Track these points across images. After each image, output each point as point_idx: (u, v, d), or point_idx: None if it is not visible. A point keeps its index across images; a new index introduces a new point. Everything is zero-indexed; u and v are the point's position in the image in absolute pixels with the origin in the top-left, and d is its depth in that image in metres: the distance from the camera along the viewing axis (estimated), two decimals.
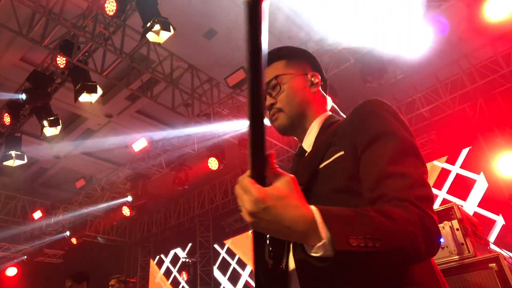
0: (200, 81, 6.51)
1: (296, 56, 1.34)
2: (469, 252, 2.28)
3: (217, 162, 7.46)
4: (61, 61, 5.71)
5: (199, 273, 9.88)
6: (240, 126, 6.73)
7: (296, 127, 1.28)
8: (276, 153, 8.13)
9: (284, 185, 0.78)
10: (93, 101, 5.88)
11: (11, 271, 10.75)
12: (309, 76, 1.31)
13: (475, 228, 2.54)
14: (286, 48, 1.35)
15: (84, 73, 5.77)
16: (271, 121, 1.29)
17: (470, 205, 6.17)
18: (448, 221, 2.42)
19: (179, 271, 10.16)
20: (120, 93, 6.99)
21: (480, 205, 6.10)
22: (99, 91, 5.86)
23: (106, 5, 4.86)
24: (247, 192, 0.76)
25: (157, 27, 4.71)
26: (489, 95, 6.39)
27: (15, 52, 6.05)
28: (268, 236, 0.97)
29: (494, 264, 2.12)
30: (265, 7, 0.67)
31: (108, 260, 10.58)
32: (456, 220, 2.40)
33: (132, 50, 5.55)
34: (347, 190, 1.01)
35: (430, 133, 6.84)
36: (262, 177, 0.78)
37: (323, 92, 1.37)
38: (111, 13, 4.83)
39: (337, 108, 1.41)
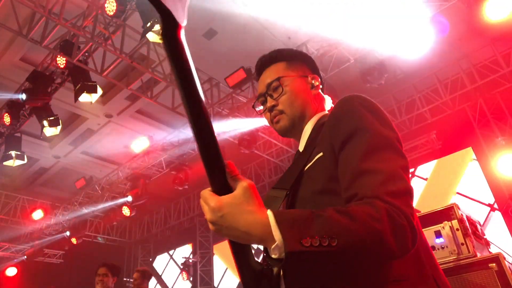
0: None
1: (295, 58, 1.35)
2: (469, 252, 2.28)
3: None
4: (61, 61, 5.71)
5: (199, 273, 9.87)
6: (240, 126, 6.72)
7: (296, 128, 1.28)
8: (276, 153, 8.13)
9: (240, 191, 0.81)
10: (93, 101, 5.88)
11: (11, 271, 10.76)
12: (309, 78, 1.32)
13: (475, 228, 2.54)
14: (285, 50, 1.36)
15: (84, 73, 5.77)
16: (272, 123, 1.29)
17: None
18: (448, 221, 2.42)
19: (179, 271, 10.15)
20: (120, 93, 6.99)
21: None
22: (99, 91, 5.86)
23: (106, 5, 4.86)
24: (205, 202, 0.82)
25: (157, 27, 4.71)
26: (489, 95, 6.39)
27: (15, 52, 6.05)
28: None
29: (494, 264, 2.12)
30: (183, 37, 0.71)
31: (108, 260, 10.56)
32: (456, 220, 2.40)
33: (132, 50, 5.55)
34: (328, 191, 1.01)
35: (430, 133, 6.84)
36: (224, 186, 0.82)
37: (322, 94, 1.38)
38: (111, 13, 4.83)
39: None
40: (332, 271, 0.80)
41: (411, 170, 7.22)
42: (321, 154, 1.06)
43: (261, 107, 1.34)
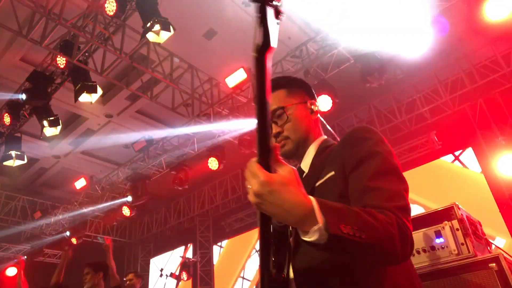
0: (200, 81, 6.51)
1: (294, 85, 1.47)
2: (469, 252, 2.28)
3: (217, 162, 7.46)
4: (61, 61, 5.71)
5: (199, 273, 9.87)
6: (240, 126, 6.72)
7: (299, 151, 1.40)
8: None
9: (287, 173, 0.89)
10: (93, 101, 5.88)
11: (11, 271, 10.75)
12: (308, 104, 1.45)
13: (475, 228, 2.54)
14: (285, 78, 1.49)
15: (84, 73, 5.77)
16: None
17: None
18: (448, 221, 2.41)
19: (179, 271, 10.15)
20: (120, 93, 6.99)
21: None
22: (99, 91, 5.86)
23: (106, 5, 4.86)
24: (254, 176, 0.87)
25: (157, 27, 4.71)
26: (489, 95, 6.38)
27: (15, 52, 6.05)
28: (273, 247, 1.11)
29: (494, 264, 2.12)
30: (270, 58, 0.83)
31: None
32: (456, 220, 2.40)
33: (132, 50, 5.55)
34: None
35: (430, 133, 6.83)
36: (267, 165, 0.88)
37: (320, 118, 1.51)
38: (111, 13, 4.83)
39: (332, 131, 1.59)
40: (352, 260, 0.93)
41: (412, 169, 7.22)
42: (332, 173, 1.19)
43: None
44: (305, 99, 1.44)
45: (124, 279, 5.30)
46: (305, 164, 1.37)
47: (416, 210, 5.49)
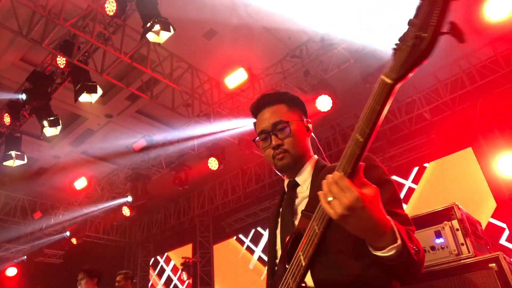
0: (200, 81, 6.51)
1: (294, 103, 1.54)
2: (469, 252, 2.28)
3: (217, 162, 7.46)
4: (61, 61, 5.71)
5: (199, 273, 9.87)
6: (240, 126, 6.73)
7: (296, 166, 1.47)
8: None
9: (374, 193, 0.98)
10: (93, 101, 5.88)
11: (11, 271, 10.76)
12: (305, 122, 1.52)
13: (475, 228, 2.54)
14: (286, 94, 1.56)
15: (84, 73, 5.77)
16: (274, 159, 1.45)
17: None
18: (448, 221, 2.41)
19: (179, 271, 10.16)
20: (120, 93, 6.99)
21: None
22: (99, 91, 5.86)
23: (106, 5, 4.86)
24: (347, 190, 0.94)
25: (157, 27, 4.71)
26: (489, 95, 6.38)
27: (15, 52, 6.05)
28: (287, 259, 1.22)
29: (494, 264, 2.12)
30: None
31: (108, 260, 10.58)
32: (456, 220, 2.40)
33: (132, 50, 5.55)
34: None
35: (430, 133, 6.83)
36: (352, 181, 0.96)
37: (313, 135, 1.59)
38: (111, 13, 4.83)
39: (321, 148, 1.62)
40: (371, 276, 1.15)
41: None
42: None
43: (259, 142, 1.53)
44: (301, 117, 1.53)
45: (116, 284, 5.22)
46: (302, 179, 1.46)
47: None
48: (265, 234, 8.94)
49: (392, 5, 4.90)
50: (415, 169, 7.09)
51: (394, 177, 7.26)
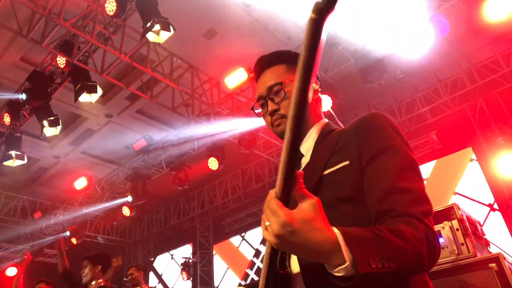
0: (200, 81, 6.51)
1: (295, 61, 1.31)
2: (469, 252, 2.28)
3: (217, 162, 7.46)
4: (61, 61, 5.71)
5: (199, 273, 9.87)
6: (240, 126, 6.73)
7: None
8: (276, 153, 8.13)
9: (310, 208, 0.81)
10: (93, 101, 5.88)
11: (11, 271, 10.75)
12: None
13: (475, 228, 2.54)
14: (284, 53, 1.36)
15: (84, 73, 5.77)
16: (273, 126, 1.31)
17: None
18: (448, 221, 2.41)
19: (179, 271, 10.16)
20: (120, 93, 6.99)
21: None
22: (99, 91, 5.86)
23: (106, 5, 4.86)
24: (274, 214, 0.79)
25: (157, 27, 4.71)
26: (489, 95, 6.39)
27: (15, 52, 6.05)
28: None
29: (494, 264, 2.12)
30: (327, 26, 0.67)
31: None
32: (456, 220, 2.40)
33: (132, 50, 5.55)
34: (351, 199, 1.04)
35: (430, 133, 6.83)
36: (288, 197, 0.81)
37: (320, 96, 1.39)
38: (111, 13, 4.83)
39: (333, 113, 1.42)
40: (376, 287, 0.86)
41: None
42: (347, 162, 1.09)
43: (260, 110, 1.35)
44: None
45: (125, 279, 5.28)
46: (305, 147, 1.26)
47: None
48: None
49: (391, 5, 4.90)
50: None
51: None
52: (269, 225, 0.81)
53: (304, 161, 1.24)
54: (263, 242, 8.87)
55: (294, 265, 1.06)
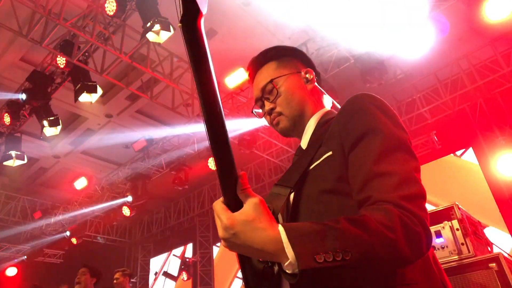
0: None
1: (285, 55, 1.30)
2: (469, 252, 2.28)
3: None
4: (61, 61, 5.71)
5: (199, 273, 9.87)
6: (240, 126, 6.73)
7: (298, 127, 1.25)
8: (276, 153, 8.13)
9: (251, 208, 0.79)
10: (93, 101, 5.88)
11: (11, 271, 10.76)
12: (302, 73, 1.28)
13: (475, 228, 2.53)
14: (273, 49, 1.32)
15: (84, 73, 5.77)
16: (273, 125, 1.27)
17: None
18: (448, 221, 2.41)
19: (179, 271, 10.16)
20: (120, 93, 6.99)
21: None
22: (99, 91, 5.86)
23: (106, 5, 4.86)
24: (218, 218, 0.81)
25: (157, 27, 4.71)
26: (489, 95, 6.38)
27: (15, 52, 6.05)
28: None
29: (494, 264, 2.12)
30: (202, 26, 0.66)
31: (108, 260, 10.58)
32: (456, 220, 2.40)
33: (132, 50, 5.55)
34: (336, 191, 0.99)
35: (430, 133, 6.83)
36: (234, 199, 0.80)
37: (319, 87, 1.32)
38: (111, 13, 4.83)
39: (337, 104, 1.34)
40: (345, 282, 0.79)
41: None
42: (330, 153, 1.03)
43: (260, 111, 1.32)
44: (298, 69, 1.28)
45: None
46: (305, 140, 1.22)
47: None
48: None
49: (391, 5, 4.90)
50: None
51: None
52: (218, 228, 0.82)
53: None
54: None
55: None
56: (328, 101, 1.35)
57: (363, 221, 0.80)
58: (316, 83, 1.30)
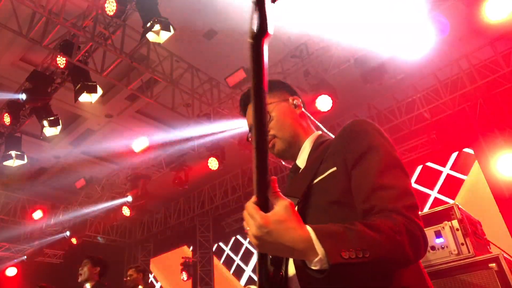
0: (200, 81, 6.51)
1: (273, 87, 1.45)
2: (469, 252, 2.28)
3: (217, 162, 7.46)
4: (61, 61, 5.71)
5: (199, 273, 9.88)
6: (240, 126, 6.72)
7: (292, 148, 1.39)
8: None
9: (283, 209, 0.89)
10: (93, 101, 5.88)
11: (11, 271, 10.75)
12: (290, 100, 1.44)
13: (475, 228, 2.53)
14: None
15: (84, 73, 5.76)
16: (270, 148, 1.38)
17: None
18: (448, 221, 2.41)
19: (180, 271, 10.16)
20: (120, 93, 6.99)
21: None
22: (99, 91, 5.85)
23: (106, 5, 4.86)
24: (252, 218, 0.89)
25: (157, 27, 4.71)
26: (489, 95, 6.38)
27: (15, 52, 6.05)
28: None
29: (494, 264, 2.12)
30: (266, 45, 0.76)
31: (108, 260, 10.57)
32: (456, 220, 2.40)
33: (132, 50, 5.55)
34: (341, 202, 1.10)
35: (430, 133, 6.84)
36: (266, 201, 0.89)
37: (306, 112, 1.48)
38: (111, 13, 4.83)
39: (321, 126, 1.52)
40: (358, 278, 0.90)
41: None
42: (334, 169, 1.15)
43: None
44: (285, 97, 1.45)
45: (125, 279, 5.26)
46: (301, 160, 1.36)
47: None
48: None
49: (391, 5, 4.90)
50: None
51: None
52: (249, 229, 0.89)
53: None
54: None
55: (291, 268, 1.10)
56: (314, 123, 1.51)
57: (376, 225, 0.92)
58: (303, 109, 1.47)
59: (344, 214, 1.06)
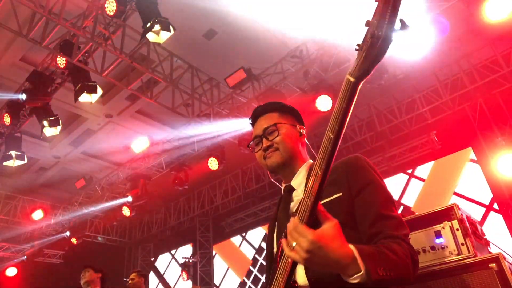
0: (200, 81, 6.51)
1: (286, 110, 1.64)
2: (469, 252, 2.28)
3: (217, 162, 7.46)
4: (61, 61, 5.71)
5: (199, 273, 9.87)
6: (240, 126, 6.72)
7: (286, 166, 1.53)
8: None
9: (332, 228, 1.06)
10: (93, 101, 5.88)
11: (11, 271, 10.76)
12: (298, 127, 1.61)
13: (475, 228, 2.53)
14: (278, 103, 1.67)
15: (84, 73, 5.77)
16: (265, 158, 1.52)
17: None
18: (448, 221, 2.41)
19: (180, 271, 10.16)
20: (120, 93, 6.99)
21: None
22: (99, 91, 5.86)
23: (106, 5, 4.86)
24: (303, 235, 1.03)
25: (157, 27, 4.71)
26: (489, 95, 6.38)
27: (15, 52, 6.05)
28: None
29: (494, 264, 2.12)
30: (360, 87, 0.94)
31: (108, 260, 10.59)
32: (456, 220, 2.40)
33: (132, 50, 5.55)
34: (345, 224, 1.21)
35: (430, 133, 6.83)
36: (316, 221, 1.06)
37: (307, 142, 1.65)
38: (111, 13, 4.83)
39: (309, 144, 1.68)
40: None
41: (409, 170, 7.23)
42: (340, 194, 1.36)
43: (255, 147, 1.60)
44: (295, 123, 1.61)
45: (125, 279, 5.29)
46: (297, 182, 1.52)
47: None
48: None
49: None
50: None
51: (396, 176, 7.27)
52: (298, 244, 1.03)
53: (296, 194, 1.51)
54: (264, 239, 8.87)
55: (300, 279, 1.29)
56: (310, 153, 1.66)
57: (394, 249, 1.14)
58: (305, 139, 1.64)
59: (347, 234, 1.17)
